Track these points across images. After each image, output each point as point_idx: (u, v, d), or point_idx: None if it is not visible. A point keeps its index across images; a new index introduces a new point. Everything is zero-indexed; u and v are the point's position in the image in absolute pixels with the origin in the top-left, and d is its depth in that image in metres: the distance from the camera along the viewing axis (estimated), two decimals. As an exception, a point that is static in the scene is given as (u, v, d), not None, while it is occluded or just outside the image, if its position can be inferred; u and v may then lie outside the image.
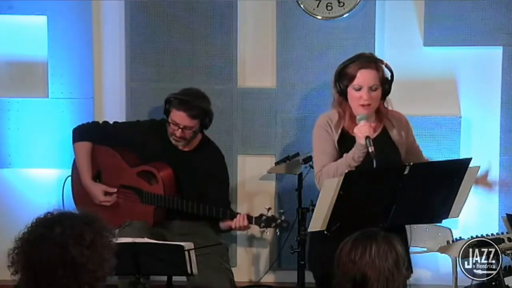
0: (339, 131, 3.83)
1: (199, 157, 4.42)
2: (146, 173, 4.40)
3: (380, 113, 3.86)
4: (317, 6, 4.86)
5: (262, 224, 4.20)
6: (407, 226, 3.92)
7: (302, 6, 4.86)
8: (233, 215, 4.25)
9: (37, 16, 4.96)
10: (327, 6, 4.86)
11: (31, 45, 5.00)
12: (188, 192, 4.36)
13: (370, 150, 3.60)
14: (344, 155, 3.73)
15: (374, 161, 3.57)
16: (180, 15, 4.93)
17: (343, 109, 3.83)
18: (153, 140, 4.43)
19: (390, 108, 3.93)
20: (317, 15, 4.88)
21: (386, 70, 3.84)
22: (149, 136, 4.45)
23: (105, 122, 4.59)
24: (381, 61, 3.84)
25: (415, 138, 4.04)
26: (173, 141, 4.38)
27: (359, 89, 3.75)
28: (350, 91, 3.77)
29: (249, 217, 4.22)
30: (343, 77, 3.78)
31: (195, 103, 4.32)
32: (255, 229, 4.97)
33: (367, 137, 3.62)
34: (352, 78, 3.76)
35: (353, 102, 3.78)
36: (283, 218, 4.20)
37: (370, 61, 3.79)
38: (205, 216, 4.28)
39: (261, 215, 4.21)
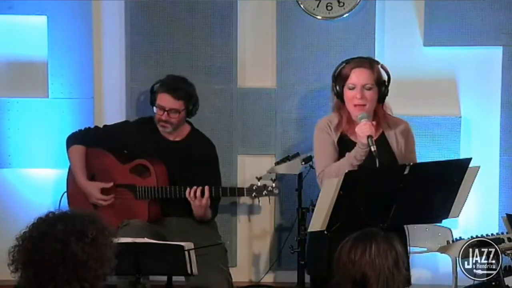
0: (339, 133, 3.86)
1: (190, 147, 4.45)
2: (138, 168, 4.41)
3: (379, 118, 3.87)
4: (317, 6, 4.86)
5: (254, 194, 4.25)
6: (405, 227, 3.92)
7: (302, 6, 4.86)
8: (224, 192, 4.27)
9: (37, 16, 4.95)
10: (327, 6, 4.86)
11: (31, 45, 4.99)
12: (181, 183, 4.34)
13: (372, 149, 3.62)
14: (346, 154, 3.74)
15: (377, 161, 3.58)
16: (180, 15, 4.92)
17: (341, 113, 3.88)
18: (143, 136, 4.45)
19: (390, 113, 3.93)
20: (317, 15, 4.87)
21: (383, 72, 3.85)
22: (138, 133, 4.47)
23: (96, 127, 4.62)
24: (377, 62, 3.86)
25: (415, 150, 4.03)
26: (160, 129, 4.41)
27: (352, 88, 3.79)
28: (346, 91, 3.83)
29: (240, 189, 4.28)
30: (338, 79, 3.85)
31: (180, 85, 4.41)
32: (255, 229, 4.99)
33: (369, 136, 3.63)
34: (346, 77, 3.82)
35: (348, 102, 3.83)
36: (274, 185, 4.24)
37: (364, 61, 3.83)
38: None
39: (252, 185, 4.27)
